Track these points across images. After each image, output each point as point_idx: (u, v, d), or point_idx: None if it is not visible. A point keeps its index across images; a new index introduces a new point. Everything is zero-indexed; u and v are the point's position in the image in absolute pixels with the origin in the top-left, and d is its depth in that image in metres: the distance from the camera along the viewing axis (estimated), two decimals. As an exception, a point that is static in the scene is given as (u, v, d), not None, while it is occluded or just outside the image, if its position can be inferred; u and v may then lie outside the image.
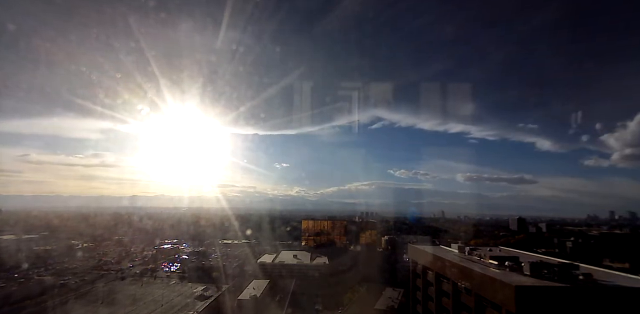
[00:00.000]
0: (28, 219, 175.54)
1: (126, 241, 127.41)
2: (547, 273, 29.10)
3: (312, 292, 74.91)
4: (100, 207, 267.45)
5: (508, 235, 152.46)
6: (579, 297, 25.53)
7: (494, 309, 28.65)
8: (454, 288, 36.16)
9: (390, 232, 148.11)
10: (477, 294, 31.46)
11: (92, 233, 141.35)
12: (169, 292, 75.90)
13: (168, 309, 65.51)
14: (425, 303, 44.25)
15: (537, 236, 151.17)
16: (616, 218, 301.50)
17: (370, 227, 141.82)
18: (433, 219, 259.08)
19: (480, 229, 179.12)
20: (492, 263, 35.04)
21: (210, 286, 79.40)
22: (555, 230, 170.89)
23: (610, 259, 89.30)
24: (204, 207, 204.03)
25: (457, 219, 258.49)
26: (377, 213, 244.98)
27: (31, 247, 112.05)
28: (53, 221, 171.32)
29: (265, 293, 71.91)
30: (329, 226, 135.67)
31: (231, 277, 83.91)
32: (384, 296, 69.65)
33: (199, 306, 66.39)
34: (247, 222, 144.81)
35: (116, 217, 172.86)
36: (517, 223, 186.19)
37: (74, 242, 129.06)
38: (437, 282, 40.41)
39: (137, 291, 75.96)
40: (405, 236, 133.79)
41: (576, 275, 29.07)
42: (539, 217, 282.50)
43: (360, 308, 66.64)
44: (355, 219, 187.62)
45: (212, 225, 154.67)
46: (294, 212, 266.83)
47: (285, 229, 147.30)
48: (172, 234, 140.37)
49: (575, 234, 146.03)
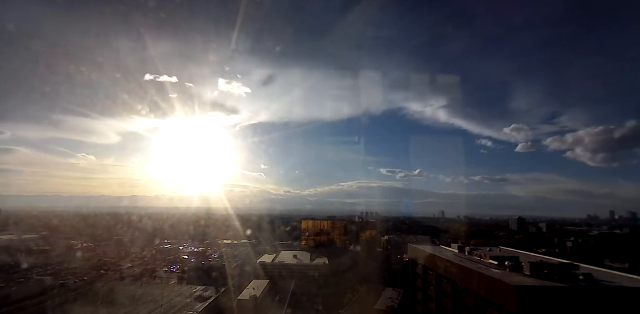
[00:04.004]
0: (28, 219, 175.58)
1: (126, 241, 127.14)
2: (548, 273, 29.05)
3: (312, 292, 74.84)
4: (100, 207, 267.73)
5: (508, 235, 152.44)
6: (579, 297, 25.46)
7: (495, 309, 28.58)
8: (454, 288, 36.11)
9: (390, 232, 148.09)
10: (478, 295, 31.39)
11: (91, 233, 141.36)
12: (169, 292, 75.77)
13: (168, 309, 65.42)
14: (426, 303, 44.20)
15: (537, 236, 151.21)
16: (616, 218, 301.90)
17: (370, 227, 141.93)
18: (433, 219, 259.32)
19: (480, 229, 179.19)
20: (492, 263, 34.99)
21: (210, 286, 79.27)
22: (555, 230, 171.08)
23: (610, 259, 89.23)
24: (204, 208, 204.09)
25: (457, 219, 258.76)
26: (377, 213, 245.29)
27: (31, 247, 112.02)
28: (53, 221, 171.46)
29: (265, 293, 71.85)
30: (329, 226, 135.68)
31: (231, 277, 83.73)
32: (384, 296, 69.54)
33: (199, 307, 66.28)
34: (247, 223, 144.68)
35: (116, 218, 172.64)
36: (517, 223, 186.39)
37: (74, 242, 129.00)
38: (437, 282, 40.36)
39: (137, 292, 75.82)
40: (405, 236, 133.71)
41: (576, 275, 29.04)
42: (539, 217, 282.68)
43: (361, 308, 66.50)
44: (355, 219, 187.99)
45: (212, 225, 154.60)
46: (294, 212, 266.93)
47: (285, 229, 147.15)
48: (172, 234, 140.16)
49: (576, 234, 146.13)
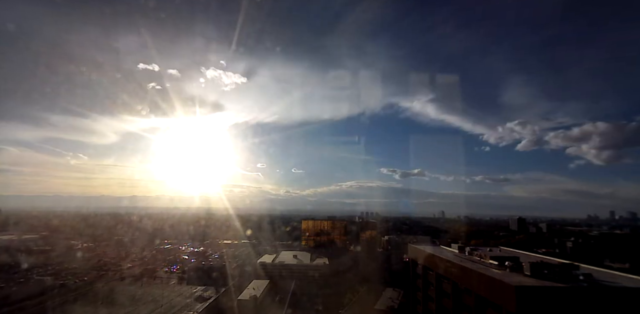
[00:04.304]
0: (28, 219, 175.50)
1: (126, 241, 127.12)
2: (548, 273, 29.06)
3: (312, 292, 74.83)
4: (100, 207, 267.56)
5: (508, 235, 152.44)
6: (579, 297, 25.47)
7: (495, 309, 28.58)
8: (454, 288, 36.12)
9: (390, 232, 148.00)
10: (478, 295, 31.39)
11: (91, 233, 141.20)
12: (169, 292, 75.77)
13: (168, 309, 65.42)
14: (426, 303, 44.20)
15: (537, 236, 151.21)
16: (616, 218, 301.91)
17: (370, 227, 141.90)
18: (433, 219, 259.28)
19: (480, 229, 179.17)
20: (492, 263, 34.99)
21: (210, 286, 79.27)
22: (555, 230, 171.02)
23: (610, 259, 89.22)
24: (204, 208, 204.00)
25: (457, 219, 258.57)
26: (377, 213, 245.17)
27: (31, 247, 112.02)
28: (53, 221, 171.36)
29: (265, 293, 71.86)
30: (329, 226, 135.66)
31: (231, 277, 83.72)
32: (384, 296, 69.54)
33: (199, 307, 66.30)
34: (247, 223, 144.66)
35: (116, 218, 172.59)
36: (517, 223, 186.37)
37: (74, 242, 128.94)
38: (437, 282, 40.36)
39: (137, 292, 75.84)
40: (405, 236, 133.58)
41: (576, 275, 29.05)
42: (539, 217, 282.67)
43: (361, 308, 66.49)
44: (355, 219, 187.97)
45: (212, 225, 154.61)
46: (293, 212, 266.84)
47: (285, 229, 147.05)
48: (172, 234, 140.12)
49: (576, 234, 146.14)
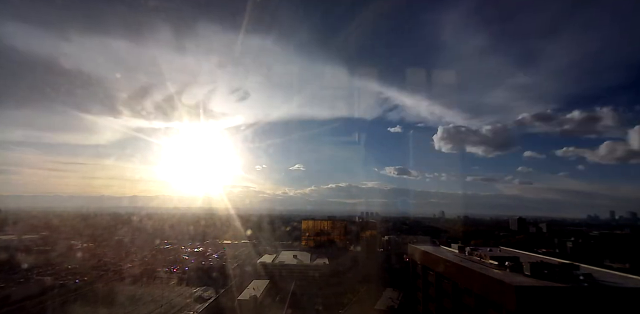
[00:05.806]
0: (28, 219, 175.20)
1: (126, 242, 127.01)
2: (548, 273, 29.05)
3: (312, 292, 74.77)
4: (100, 207, 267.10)
5: (508, 235, 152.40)
6: (579, 297, 25.48)
7: (495, 309, 28.57)
8: (454, 288, 36.11)
9: (390, 232, 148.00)
10: (478, 295, 31.38)
11: (91, 233, 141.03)
12: (169, 292, 75.75)
13: (168, 309, 65.43)
14: (426, 304, 44.20)
15: (537, 236, 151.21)
16: (616, 218, 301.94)
17: (370, 227, 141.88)
18: (433, 219, 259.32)
19: (480, 229, 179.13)
20: (492, 263, 34.99)
21: (209, 286, 79.27)
22: (555, 230, 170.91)
23: (610, 259, 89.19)
24: (204, 208, 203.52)
25: (457, 219, 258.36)
26: (377, 213, 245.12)
27: (31, 247, 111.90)
28: (53, 221, 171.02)
29: (265, 293, 71.82)
30: (329, 226, 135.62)
31: (231, 277, 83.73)
32: (384, 296, 69.50)
33: (199, 307, 66.33)
34: (247, 223, 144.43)
35: (116, 218, 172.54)
36: (517, 223, 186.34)
37: (74, 242, 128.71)
38: (437, 282, 40.37)
39: (137, 292, 75.81)
40: (405, 236, 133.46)
41: (576, 275, 29.04)
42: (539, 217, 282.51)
43: (361, 308, 66.50)
44: (355, 219, 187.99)
45: (212, 225, 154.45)
46: (293, 212, 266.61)
47: (285, 229, 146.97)
48: (172, 234, 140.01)
49: (576, 234, 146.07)
